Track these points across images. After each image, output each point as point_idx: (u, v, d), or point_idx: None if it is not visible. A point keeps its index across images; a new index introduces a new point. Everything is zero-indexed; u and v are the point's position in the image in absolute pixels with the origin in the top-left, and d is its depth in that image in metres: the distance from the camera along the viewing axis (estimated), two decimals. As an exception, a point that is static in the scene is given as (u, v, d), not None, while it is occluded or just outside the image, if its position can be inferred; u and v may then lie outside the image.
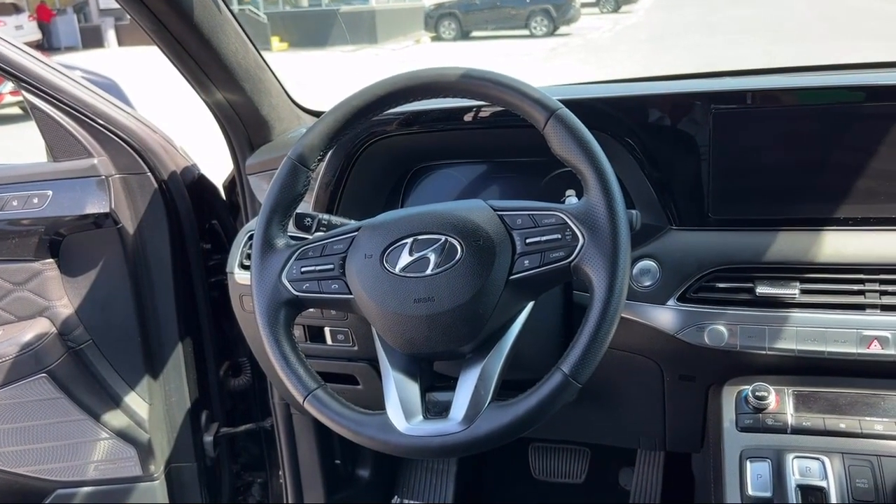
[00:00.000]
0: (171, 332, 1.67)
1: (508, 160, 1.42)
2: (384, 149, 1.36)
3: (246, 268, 1.37)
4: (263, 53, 1.49)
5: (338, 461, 1.85)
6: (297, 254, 1.02)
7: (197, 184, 1.68)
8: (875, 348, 1.06)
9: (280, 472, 1.85)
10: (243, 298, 1.40)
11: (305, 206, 1.37)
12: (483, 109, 1.28)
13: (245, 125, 1.50)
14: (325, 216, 1.14)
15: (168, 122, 1.75)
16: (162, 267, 1.62)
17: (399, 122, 1.32)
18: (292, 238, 1.06)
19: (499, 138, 1.34)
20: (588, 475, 2.02)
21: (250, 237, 1.38)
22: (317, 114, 1.67)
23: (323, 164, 1.35)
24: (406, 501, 2.06)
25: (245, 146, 1.53)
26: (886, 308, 1.07)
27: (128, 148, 1.54)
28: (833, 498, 0.97)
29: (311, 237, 1.07)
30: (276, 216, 1.04)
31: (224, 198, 1.75)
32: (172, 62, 1.37)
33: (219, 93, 1.43)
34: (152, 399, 1.68)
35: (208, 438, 1.76)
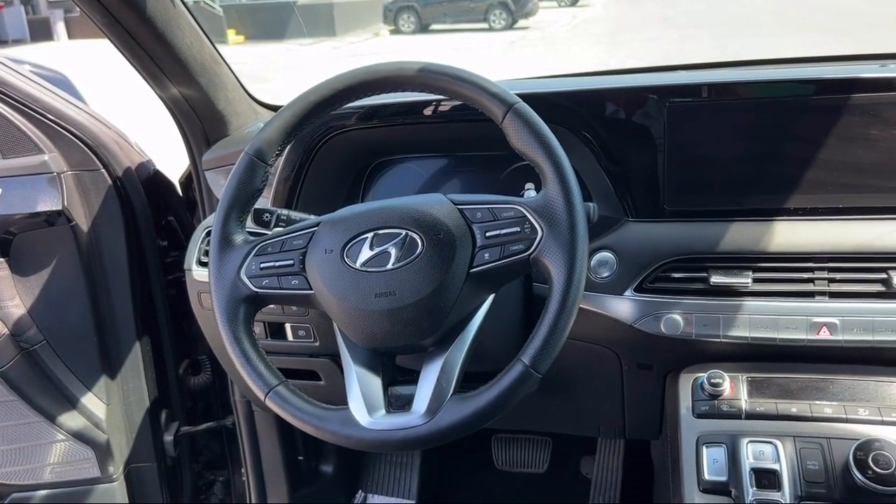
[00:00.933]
0: (128, 331, 1.64)
1: (469, 154, 1.43)
2: (343, 143, 1.36)
3: (204, 265, 1.36)
4: (219, 47, 1.47)
5: (301, 457, 1.84)
6: (255, 250, 1.02)
7: (152, 180, 1.65)
8: (824, 334, 1.09)
9: (242, 470, 1.84)
10: (201, 295, 1.39)
11: (264, 202, 1.36)
12: (443, 103, 1.28)
13: (201, 120, 1.48)
14: (284, 211, 1.13)
15: (122, 117, 1.72)
16: (117, 265, 1.59)
17: (358, 116, 1.32)
18: (251, 234, 1.05)
19: (459, 132, 1.35)
20: (550, 464, 2.04)
21: (208, 233, 1.37)
22: (274, 108, 1.65)
23: (281, 159, 1.34)
24: (370, 496, 2.06)
25: (201, 141, 1.51)
26: (834, 295, 1.10)
27: (80, 144, 1.50)
28: (785, 480, 1.00)
29: (270, 233, 1.06)
30: (233, 212, 1.03)
31: (180, 194, 1.72)
32: (125, 56, 1.34)
33: (173, 87, 1.41)
34: (110, 399, 1.65)
35: (168, 438, 1.74)
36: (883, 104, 1.09)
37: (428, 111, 1.30)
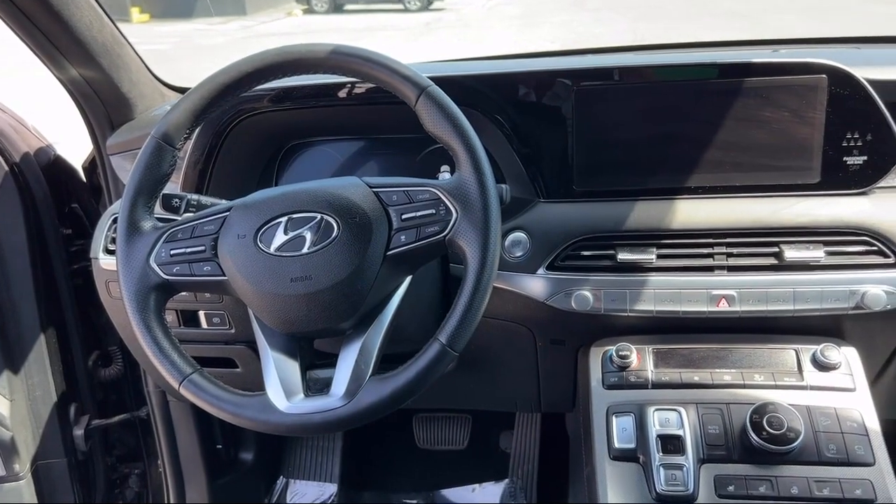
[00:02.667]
0: (32, 323, 1.57)
1: (385, 137, 1.43)
2: (255, 125, 1.33)
3: (111, 252, 1.32)
4: (122, 26, 1.41)
5: (219, 446, 1.82)
6: (165, 236, 0.99)
7: (53, 165, 1.58)
8: (723, 306, 1.16)
9: (159, 462, 1.80)
10: (109, 284, 1.34)
11: (174, 187, 1.32)
12: (358, 85, 1.27)
13: (104, 103, 1.42)
14: (195, 196, 1.11)
15: (19, 101, 1.64)
16: (17, 255, 1.52)
17: (270, 98, 1.30)
18: (160, 220, 1.03)
19: (374, 114, 1.35)
20: (470, 441, 2.09)
21: (114, 220, 1.32)
22: (181, 90, 1.61)
23: (190, 143, 1.31)
24: (292, 482, 2.05)
25: (105, 125, 1.45)
26: (732, 269, 1.17)
27: (-28, 129, 1.43)
28: (688, 444, 1.06)
29: (179, 219, 1.04)
30: (140, 198, 1.00)
31: (84, 180, 1.65)
32: (19, 36, 1.28)
33: (73, 69, 1.35)
34: (13, 395, 1.58)
35: (78, 432, 1.68)
36: (774, 88, 1.15)
37: (342, 93, 1.29)
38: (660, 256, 1.17)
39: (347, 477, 2.07)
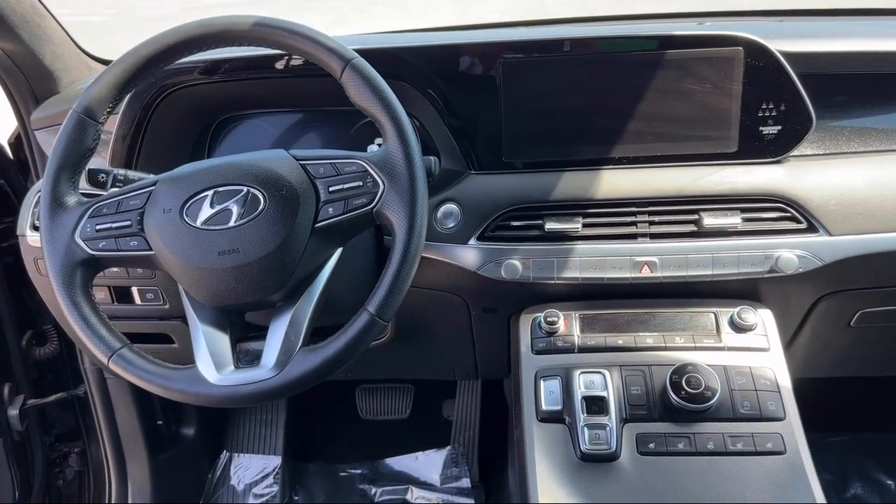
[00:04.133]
0: None
1: (318, 109, 1.43)
2: (185, 98, 1.32)
3: (38, 229, 1.29)
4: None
5: (160, 422, 1.82)
6: (90, 211, 0.99)
7: (-24, 142, 1.54)
8: (645, 272, 1.20)
9: (99, 440, 1.79)
10: (38, 262, 1.32)
11: (102, 162, 1.30)
12: (290, 58, 1.27)
13: (27, 77, 1.39)
14: (122, 171, 1.10)
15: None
16: None
17: (200, 70, 1.28)
18: (85, 195, 1.02)
19: (306, 87, 1.34)
20: (413, 410, 2.12)
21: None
22: (108, 62, 1.57)
23: (117, 117, 1.29)
24: (235, 455, 2.06)
25: (29, 99, 1.41)
26: (654, 236, 1.21)
27: None
28: (612, 405, 1.11)
29: (105, 193, 1.03)
30: (63, 173, 0.99)
31: (11, 156, 1.61)
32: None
33: (-9, 42, 1.31)
34: (-57, 376, 1.55)
35: (13, 412, 1.65)
36: (694, 60, 1.18)
37: (273, 66, 1.28)
38: (585, 225, 1.21)
39: (291, 449, 2.09)
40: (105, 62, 1.56)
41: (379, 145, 1.19)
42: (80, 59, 1.50)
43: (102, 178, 1.08)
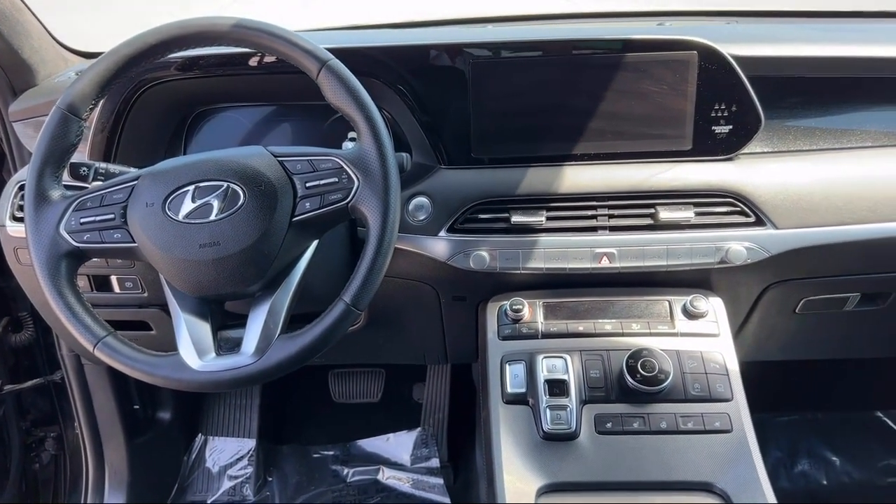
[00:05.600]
0: None
1: (292, 103, 1.46)
2: (163, 93, 1.35)
3: (18, 220, 1.32)
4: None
5: (136, 406, 1.85)
6: (74, 205, 1.02)
7: (-46, 133, 1.55)
8: (605, 263, 1.27)
9: (76, 424, 1.82)
10: (18, 251, 1.35)
11: (81, 156, 1.33)
12: (262, 56, 1.30)
13: (5, 70, 1.41)
14: (103, 165, 1.13)
15: None
16: None
17: (177, 66, 1.31)
18: (68, 188, 1.05)
19: (281, 82, 1.37)
20: (384, 393, 2.18)
21: (21, 188, 1.33)
22: (85, 54, 1.59)
23: (97, 111, 1.31)
24: (210, 438, 2.10)
25: (7, 92, 1.43)
26: (613, 229, 1.27)
27: None
28: (572, 388, 1.18)
29: (88, 187, 1.07)
30: (48, 168, 1.02)
31: (-13, 147, 1.63)
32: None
33: (-30, 37, 1.33)
34: (-80, 363, 1.57)
35: (-10, 398, 1.68)
36: (652, 62, 1.24)
37: (249, 62, 1.31)
38: (549, 218, 1.27)
39: (265, 432, 2.13)
40: (82, 54, 1.58)
41: (352, 140, 1.24)
42: (58, 52, 1.52)
43: (84, 171, 1.11)
